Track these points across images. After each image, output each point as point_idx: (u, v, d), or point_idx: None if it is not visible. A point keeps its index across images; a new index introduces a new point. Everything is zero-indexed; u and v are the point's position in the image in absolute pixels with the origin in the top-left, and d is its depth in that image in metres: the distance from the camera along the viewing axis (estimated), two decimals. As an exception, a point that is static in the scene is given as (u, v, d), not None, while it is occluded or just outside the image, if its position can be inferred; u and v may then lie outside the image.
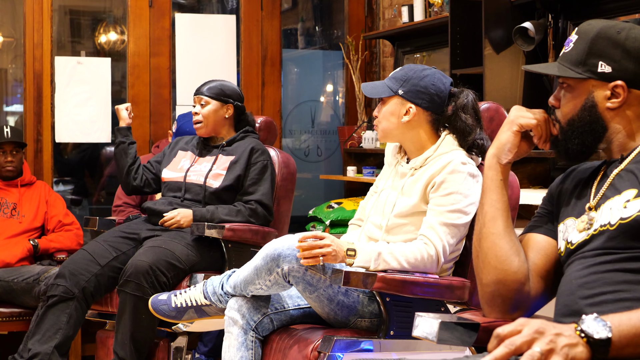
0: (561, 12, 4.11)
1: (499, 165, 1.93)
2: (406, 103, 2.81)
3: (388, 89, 2.83)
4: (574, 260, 1.81)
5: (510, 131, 1.91)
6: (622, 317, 1.50)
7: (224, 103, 3.89)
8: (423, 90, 2.80)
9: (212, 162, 3.83)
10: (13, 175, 4.43)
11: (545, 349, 1.41)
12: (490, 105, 2.96)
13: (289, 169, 3.96)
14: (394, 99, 2.82)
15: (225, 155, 3.84)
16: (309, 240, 2.62)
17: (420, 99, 2.80)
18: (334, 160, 5.98)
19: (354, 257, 2.65)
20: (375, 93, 2.87)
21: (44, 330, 3.60)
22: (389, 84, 2.84)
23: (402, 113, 2.81)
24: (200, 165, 3.85)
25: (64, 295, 3.59)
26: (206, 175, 3.78)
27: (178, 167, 3.89)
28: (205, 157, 3.88)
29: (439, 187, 2.70)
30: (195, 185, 3.79)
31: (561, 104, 1.90)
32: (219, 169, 3.79)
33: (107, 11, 5.75)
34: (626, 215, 1.72)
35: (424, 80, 2.81)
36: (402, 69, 2.86)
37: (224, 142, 3.87)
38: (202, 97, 3.88)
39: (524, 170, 4.04)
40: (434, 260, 2.66)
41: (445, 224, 2.68)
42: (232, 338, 2.74)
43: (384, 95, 2.84)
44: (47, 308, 3.61)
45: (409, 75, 2.82)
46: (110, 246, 3.69)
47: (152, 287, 3.40)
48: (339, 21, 6.02)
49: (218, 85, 3.92)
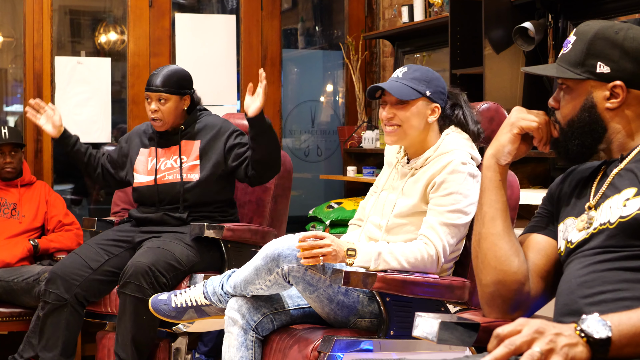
0: (561, 12, 4.11)
1: (498, 166, 1.93)
2: (431, 104, 2.82)
3: (415, 91, 2.80)
4: (574, 259, 1.81)
5: (511, 133, 1.91)
6: (622, 316, 1.49)
7: (182, 95, 3.75)
8: (442, 90, 2.85)
9: (177, 152, 3.73)
10: (12, 176, 4.43)
11: (545, 348, 1.41)
12: (490, 105, 2.96)
13: (285, 166, 3.94)
14: (420, 100, 2.81)
15: (187, 139, 3.74)
16: (309, 240, 2.62)
17: (441, 99, 2.84)
18: (334, 160, 5.98)
19: (354, 257, 2.65)
20: (405, 95, 2.79)
21: (47, 338, 3.60)
22: (414, 85, 2.80)
23: (428, 114, 2.82)
24: (169, 160, 3.74)
25: (56, 302, 3.57)
26: (180, 170, 3.70)
27: (148, 169, 3.77)
28: (166, 147, 3.76)
29: (439, 187, 2.70)
30: (172, 183, 3.69)
31: (561, 105, 1.90)
32: (192, 160, 3.70)
33: (107, 11, 5.75)
34: (626, 214, 1.72)
35: (440, 80, 2.86)
36: (416, 70, 2.84)
37: (182, 127, 3.74)
38: (160, 94, 3.69)
39: (524, 170, 4.04)
40: (434, 260, 2.67)
41: (445, 224, 2.68)
42: (232, 338, 2.74)
43: (414, 98, 2.80)
44: (45, 316, 3.60)
45: (428, 75, 2.83)
46: (102, 249, 3.66)
47: (152, 287, 3.39)
48: (339, 21, 6.01)
49: (174, 77, 3.72)
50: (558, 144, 1.90)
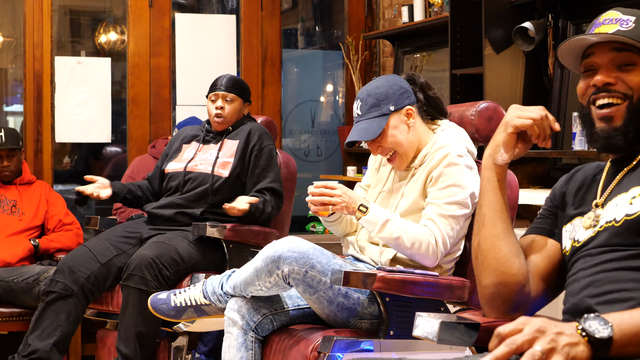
0: (561, 12, 4.11)
1: (495, 166, 1.90)
2: (402, 110, 2.82)
3: (382, 117, 2.80)
4: (580, 257, 1.80)
5: (505, 133, 1.86)
6: (624, 315, 1.49)
7: (245, 101, 3.91)
8: (402, 91, 2.83)
9: (217, 149, 3.81)
10: (11, 178, 4.42)
11: (547, 348, 1.41)
12: (489, 105, 2.96)
13: (289, 169, 3.95)
14: (391, 118, 2.81)
15: (230, 139, 3.83)
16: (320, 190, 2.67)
17: (407, 98, 2.83)
18: (334, 160, 5.98)
19: (364, 213, 2.70)
20: (374, 132, 2.79)
21: (43, 327, 3.59)
22: (377, 112, 2.80)
23: (406, 120, 2.82)
24: (206, 154, 3.83)
25: (62, 292, 3.58)
26: (214, 164, 3.77)
27: (183, 157, 3.87)
28: (210, 144, 3.87)
29: (437, 181, 2.72)
30: (203, 173, 3.76)
31: (628, 77, 1.80)
32: (226, 157, 3.78)
33: (107, 11, 5.75)
34: (632, 212, 1.71)
35: (393, 84, 2.83)
36: (368, 95, 2.82)
37: (230, 128, 3.86)
38: (228, 94, 3.84)
39: (524, 170, 4.05)
40: (434, 249, 2.68)
41: (443, 215, 2.70)
42: (232, 338, 2.74)
43: (384, 124, 2.79)
44: (47, 304, 3.60)
45: (382, 92, 2.81)
46: (111, 244, 3.68)
47: (155, 279, 3.39)
48: (339, 21, 6.02)
49: (240, 82, 3.93)
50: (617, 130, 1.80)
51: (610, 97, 1.80)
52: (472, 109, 2.96)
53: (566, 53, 1.89)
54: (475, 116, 2.94)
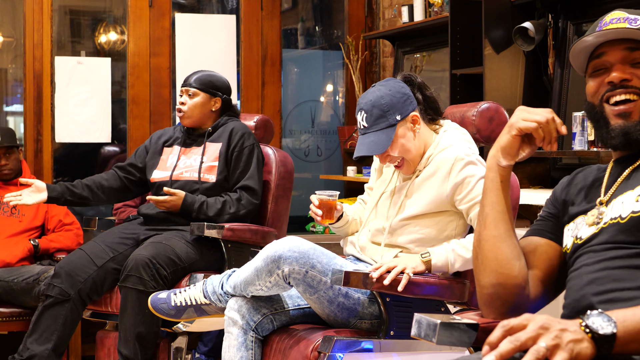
0: (561, 12, 4.11)
1: (499, 167, 1.87)
2: (408, 118, 2.81)
3: (389, 128, 2.78)
4: (583, 253, 1.79)
5: (509, 135, 1.83)
6: (627, 312, 1.49)
7: (212, 96, 3.84)
8: (405, 97, 2.80)
9: (200, 154, 3.78)
10: (10, 177, 4.42)
11: (551, 344, 1.41)
12: (490, 105, 2.96)
13: (286, 167, 3.94)
14: (399, 128, 2.79)
15: (212, 142, 3.79)
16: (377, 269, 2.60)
17: (410, 104, 2.81)
18: (334, 160, 5.98)
19: (429, 256, 2.66)
20: (383, 146, 2.77)
21: (41, 331, 3.59)
22: (384, 124, 2.77)
23: (412, 127, 2.81)
24: (190, 159, 3.79)
25: (59, 296, 3.57)
26: (199, 169, 3.74)
27: (167, 165, 3.83)
28: (192, 147, 3.83)
29: (464, 184, 2.70)
30: (190, 181, 3.73)
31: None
32: (210, 161, 3.75)
33: (107, 11, 5.75)
34: (638, 209, 1.71)
35: (397, 92, 2.80)
36: (373, 106, 2.78)
37: (210, 129, 3.81)
38: (189, 89, 3.81)
39: (524, 170, 4.04)
40: None
41: None
42: (232, 338, 2.74)
43: (392, 135, 2.77)
44: (44, 308, 3.60)
45: (386, 101, 2.77)
46: (108, 247, 3.68)
47: (153, 279, 3.39)
48: (339, 21, 6.01)
49: (207, 77, 3.86)
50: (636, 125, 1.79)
51: (627, 93, 1.80)
52: (474, 109, 2.96)
53: (578, 51, 1.89)
54: (477, 117, 2.94)
